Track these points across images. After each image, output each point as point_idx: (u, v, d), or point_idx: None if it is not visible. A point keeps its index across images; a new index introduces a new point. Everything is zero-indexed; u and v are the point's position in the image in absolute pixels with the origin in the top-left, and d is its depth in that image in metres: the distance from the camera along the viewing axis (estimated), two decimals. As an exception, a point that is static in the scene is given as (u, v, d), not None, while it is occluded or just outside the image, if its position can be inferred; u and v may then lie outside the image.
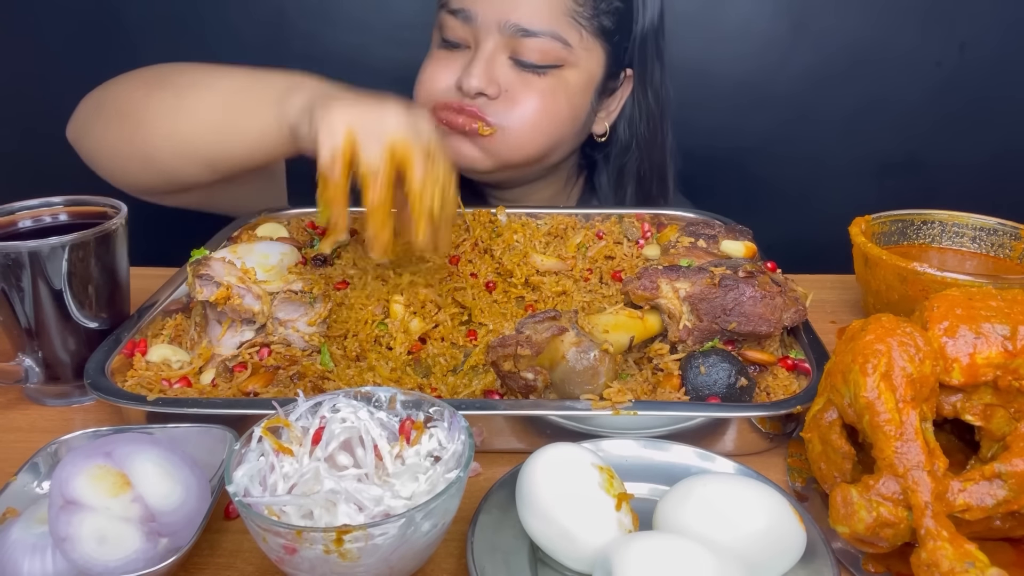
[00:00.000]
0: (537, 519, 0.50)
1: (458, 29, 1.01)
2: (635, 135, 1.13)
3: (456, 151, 1.00)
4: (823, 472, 0.56)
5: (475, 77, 0.97)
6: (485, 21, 0.98)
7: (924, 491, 0.48)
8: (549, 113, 1.01)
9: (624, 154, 1.14)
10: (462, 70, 1.00)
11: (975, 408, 0.54)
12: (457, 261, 0.88)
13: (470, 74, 0.98)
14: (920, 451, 0.49)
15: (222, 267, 0.72)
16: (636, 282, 0.71)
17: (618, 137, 1.13)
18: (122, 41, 1.48)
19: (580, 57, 1.01)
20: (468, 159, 1.02)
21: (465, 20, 0.99)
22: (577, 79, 1.03)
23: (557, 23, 0.98)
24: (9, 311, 0.68)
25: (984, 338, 0.52)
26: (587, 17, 1.00)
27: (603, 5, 1.01)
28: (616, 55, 1.06)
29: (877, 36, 1.49)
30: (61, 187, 0.76)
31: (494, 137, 0.99)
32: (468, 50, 1.01)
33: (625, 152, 1.13)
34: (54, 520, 0.46)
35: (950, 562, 0.46)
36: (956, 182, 1.52)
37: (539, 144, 1.02)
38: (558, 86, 1.01)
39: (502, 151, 1.01)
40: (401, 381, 0.70)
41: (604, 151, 1.15)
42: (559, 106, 1.02)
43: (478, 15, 0.98)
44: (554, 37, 0.98)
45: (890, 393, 0.51)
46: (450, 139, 1.01)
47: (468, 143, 1.01)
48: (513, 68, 1.00)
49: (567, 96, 1.02)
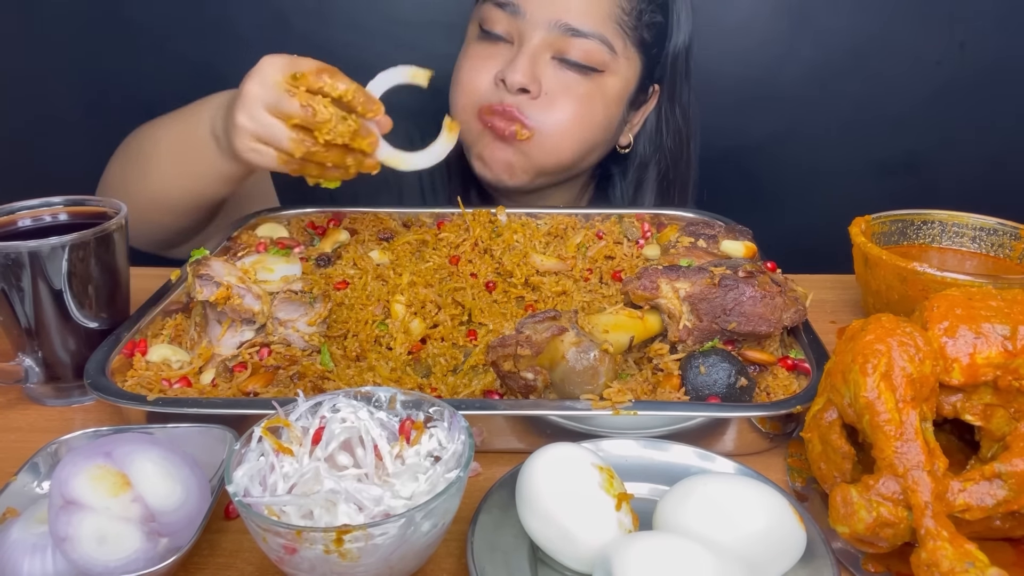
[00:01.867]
0: (537, 519, 0.50)
1: (503, 22, 1.00)
2: (659, 150, 1.13)
3: (493, 158, 1.01)
4: (823, 472, 0.56)
5: (519, 72, 0.97)
6: (534, 17, 0.98)
7: (924, 491, 0.48)
8: (586, 119, 1.01)
9: (643, 169, 1.14)
10: (504, 64, 0.99)
11: (975, 408, 0.54)
12: (457, 261, 0.88)
13: (515, 68, 0.97)
14: (920, 451, 0.49)
15: (222, 267, 0.72)
16: (636, 282, 0.71)
17: (638, 151, 1.14)
18: (122, 41, 1.48)
19: (620, 65, 1.02)
20: (505, 167, 1.02)
21: (513, 13, 0.98)
22: (614, 87, 1.03)
23: (605, 27, 0.99)
24: (9, 311, 0.68)
25: (984, 338, 0.52)
26: (631, 26, 1.01)
27: (646, 17, 1.02)
28: (650, 68, 1.07)
29: (877, 36, 1.49)
30: (61, 187, 0.76)
31: (531, 141, 0.99)
32: (509, 44, 1.01)
33: (644, 167, 1.14)
34: (54, 520, 0.46)
35: (950, 562, 0.46)
36: (956, 182, 1.52)
37: (573, 150, 1.03)
38: (596, 92, 1.01)
39: (537, 155, 1.01)
40: (401, 381, 0.70)
41: (621, 164, 1.15)
42: (595, 112, 1.02)
43: (527, 10, 0.98)
44: (602, 40, 0.98)
45: (890, 393, 0.51)
46: (490, 147, 1.01)
47: (505, 147, 1.00)
48: (556, 68, 0.99)
49: (604, 103, 1.03)
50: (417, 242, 0.92)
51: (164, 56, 1.49)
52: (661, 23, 1.04)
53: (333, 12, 1.48)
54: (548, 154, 1.01)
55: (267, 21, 1.48)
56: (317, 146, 0.74)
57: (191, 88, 1.49)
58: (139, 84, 1.51)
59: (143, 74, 1.50)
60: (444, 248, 0.91)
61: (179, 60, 1.49)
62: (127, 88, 1.51)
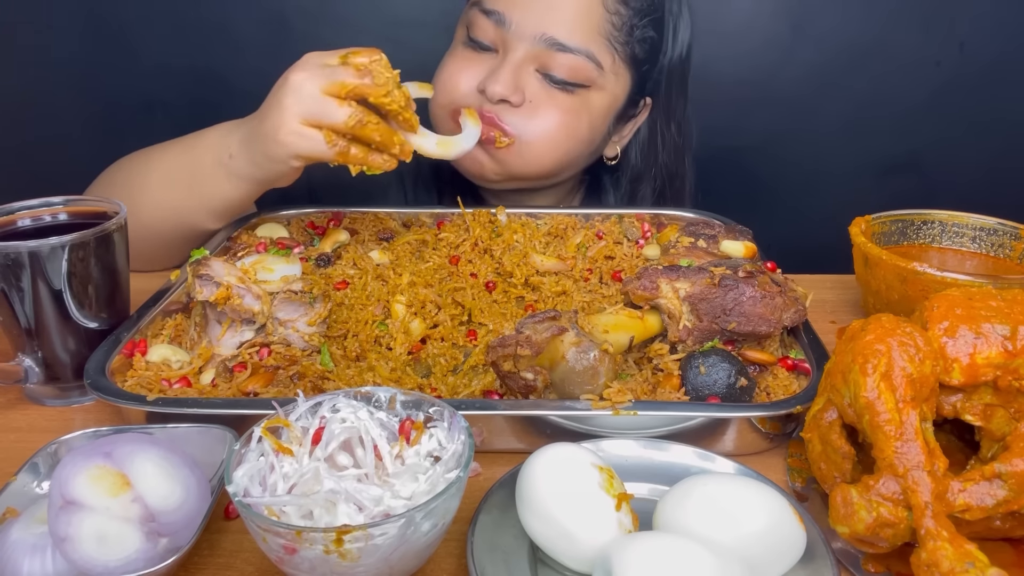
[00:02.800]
0: (537, 519, 0.50)
1: (488, 31, 0.98)
2: (655, 166, 1.12)
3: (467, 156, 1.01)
4: (823, 472, 0.56)
5: (500, 83, 0.95)
6: (520, 29, 0.96)
7: (924, 491, 0.48)
8: (569, 131, 0.99)
9: (638, 181, 1.12)
10: (486, 73, 0.97)
11: (975, 408, 0.53)
12: (457, 261, 0.88)
13: (496, 80, 0.95)
14: (920, 451, 0.49)
15: (222, 267, 0.72)
16: (636, 282, 0.71)
17: (630, 162, 1.12)
18: (122, 41, 1.48)
19: (608, 81, 1.00)
20: (477, 166, 1.00)
21: (498, 23, 0.97)
22: (601, 102, 1.01)
23: (593, 43, 0.97)
24: (9, 311, 0.68)
25: (984, 338, 0.52)
26: (622, 42, 0.99)
27: (638, 33, 1.00)
28: (641, 83, 1.05)
29: (877, 36, 1.49)
30: (61, 187, 0.76)
31: (509, 148, 0.97)
32: (494, 53, 0.99)
33: (639, 180, 1.12)
34: (54, 520, 0.46)
35: (950, 562, 0.46)
36: (956, 182, 1.52)
37: (553, 161, 1.01)
38: (582, 106, 0.99)
39: (514, 163, 0.99)
40: (401, 381, 0.70)
41: (614, 174, 1.14)
42: (580, 126, 1.00)
43: (513, 22, 0.96)
44: (588, 57, 0.96)
45: (890, 393, 0.51)
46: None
47: (481, 151, 0.97)
48: (540, 80, 0.97)
49: (589, 117, 1.01)
50: (417, 242, 0.92)
51: (164, 56, 1.49)
52: (654, 38, 1.02)
53: (333, 12, 1.49)
54: (526, 163, 0.99)
55: (267, 21, 1.48)
56: (370, 116, 0.74)
57: (191, 88, 1.50)
58: (139, 84, 1.51)
59: (143, 74, 1.50)
60: (444, 248, 0.91)
61: (179, 60, 1.49)
62: (127, 88, 1.51)
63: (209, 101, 1.48)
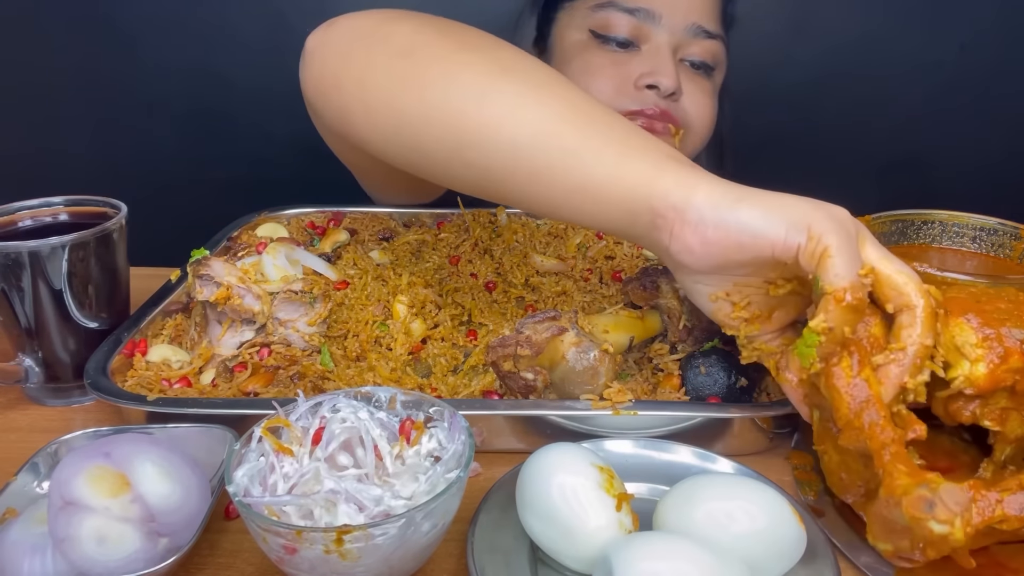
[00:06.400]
0: (537, 519, 0.50)
1: (626, 27, 0.99)
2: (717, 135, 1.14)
3: None
4: (844, 482, 0.54)
5: (669, 77, 0.96)
6: (669, 21, 0.98)
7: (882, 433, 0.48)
8: (714, 114, 1.03)
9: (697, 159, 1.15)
10: (636, 70, 0.98)
11: (993, 413, 0.53)
12: (457, 261, 0.88)
13: (664, 74, 0.96)
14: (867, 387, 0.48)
15: (222, 267, 0.72)
16: (636, 282, 0.71)
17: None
18: (120, 41, 1.48)
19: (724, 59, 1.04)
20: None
21: (645, 19, 0.98)
22: (719, 81, 1.05)
23: (719, 24, 1.01)
24: (9, 311, 0.68)
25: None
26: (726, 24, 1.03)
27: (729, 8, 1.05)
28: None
29: (877, 36, 1.49)
30: (61, 187, 0.76)
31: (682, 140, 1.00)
32: (635, 49, 1.00)
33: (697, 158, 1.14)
34: (54, 520, 0.46)
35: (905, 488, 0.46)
36: (956, 182, 1.52)
37: (703, 146, 1.04)
38: (714, 88, 1.03)
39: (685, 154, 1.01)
40: (401, 381, 0.70)
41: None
42: (715, 106, 1.04)
43: (662, 15, 0.98)
44: (722, 40, 1.01)
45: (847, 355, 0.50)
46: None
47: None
48: (684, 68, 1.01)
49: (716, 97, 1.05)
50: (417, 242, 0.92)
51: (163, 56, 1.49)
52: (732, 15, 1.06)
53: (333, 12, 1.48)
54: (689, 152, 1.02)
55: (267, 21, 1.48)
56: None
57: (191, 88, 1.50)
58: (139, 84, 1.51)
59: (143, 74, 1.50)
60: (444, 248, 0.91)
61: (179, 60, 1.49)
62: (127, 88, 1.51)
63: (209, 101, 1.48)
